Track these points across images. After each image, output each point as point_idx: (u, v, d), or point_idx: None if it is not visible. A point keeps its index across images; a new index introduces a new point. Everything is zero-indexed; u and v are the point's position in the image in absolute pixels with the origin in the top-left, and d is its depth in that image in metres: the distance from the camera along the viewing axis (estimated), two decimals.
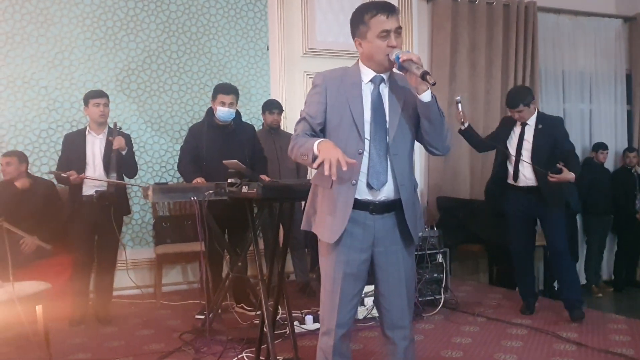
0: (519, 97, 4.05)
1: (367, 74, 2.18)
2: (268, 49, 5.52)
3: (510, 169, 4.15)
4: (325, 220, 2.17)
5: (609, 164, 6.79)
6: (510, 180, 4.15)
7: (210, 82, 5.29)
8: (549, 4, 6.55)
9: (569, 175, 3.82)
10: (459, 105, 4.22)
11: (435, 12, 6.05)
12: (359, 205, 2.14)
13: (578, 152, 6.71)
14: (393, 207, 2.17)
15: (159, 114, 5.17)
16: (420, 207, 2.33)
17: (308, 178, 4.79)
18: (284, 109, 4.94)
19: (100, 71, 4.98)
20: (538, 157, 3.99)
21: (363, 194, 2.14)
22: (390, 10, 2.11)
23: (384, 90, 2.17)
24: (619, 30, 7.07)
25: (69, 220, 4.13)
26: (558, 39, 6.74)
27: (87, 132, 4.13)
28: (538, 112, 4.14)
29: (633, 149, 6.68)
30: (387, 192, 2.15)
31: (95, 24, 4.96)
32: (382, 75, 2.17)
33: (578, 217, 6.42)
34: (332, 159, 1.92)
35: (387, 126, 2.14)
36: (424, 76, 1.99)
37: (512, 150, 4.11)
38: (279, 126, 4.90)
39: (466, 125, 4.23)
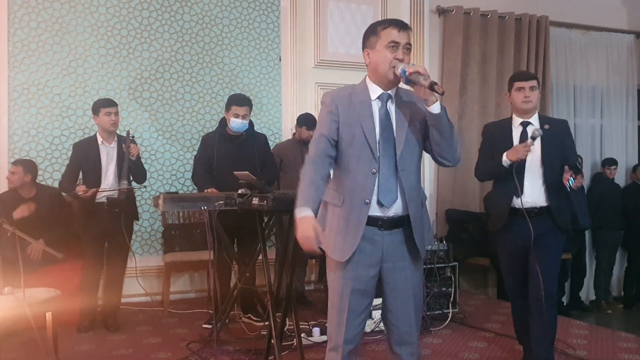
0: (530, 73, 3.31)
1: (375, 91, 2.20)
2: (280, 60, 5.55)
3: (515, 184, 3.02)
4: (336, 238, 2.17)
5: (620, 179, 6.76)
6: (515, 203, 3.07)
7: (222, 91, 5.33)
8: (561, 19, 6.55)
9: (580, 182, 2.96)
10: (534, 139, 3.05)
11: (446, 25, 6.07)
12: (368, 221, 2.15)
13: (588, 167, 6.72)
14: (402, 222, 2.18)
15: (170, 122, 5.21)
16: (429, 220, 2.34)
17: None
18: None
19: (114, 79, 5.03)
20: (550, 165, 3.05)
21: (373, 210, 2.15)
22: (403, 26, 2.16)
23: (391, 107, 2.19)
24: (631, 45, 7.05)
25: (80, 227, 4.15)
26: (570, 53, 6.73)
27: (100, 142, 4.14)
28: (537, 112, 3.31)
29: None
30: (396, 209, 2.16)
31: (109, 32, 5.01)
32: (388, 92, 2.19)
33: (587, 233, 6.39)
34: (305, 242, 2.00)
35: (395, 143, 2.15)
36: (432, 87, 2.01)
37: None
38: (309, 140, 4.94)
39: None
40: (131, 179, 4.16)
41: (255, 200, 3.04)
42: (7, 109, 4.72)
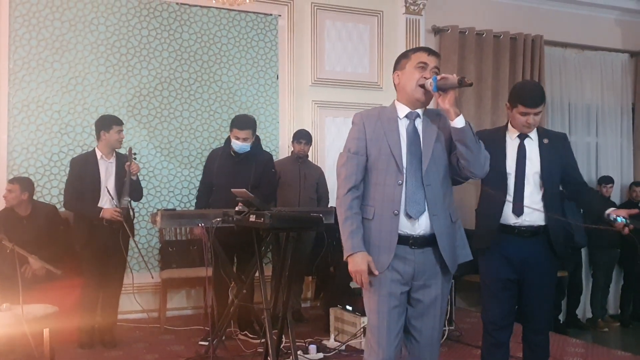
0: (540, 93, 2.88)
1: (403, 110, 2.30)
2: (278, 78, 5.61)
3: (510, 199, 2.82)
4: (371, 251, 2.22)
5: (616, 197, 6.79)
6: (507, 220, 2.83)
7: (220, 109, 5.38)
8: (555, 38, 6.64)
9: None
10: None
11: (442, 44, 6.15)
12: (399, 240, 2.21)
13: None
14: (432, 240, 2.23)
15: (168, 139, 5.25)
16: (463, 236, 2.37)
17: (331, 205, 4.82)
18: (312, 140, 5.05)
19: (113, 97, 5.07)
20: (550, 183, 2.85)
21: (403, 226, 2.21)
22: (433, 52, 2.29)
23: (419, 124, 2.28)
24: (625, 64, 7.14)
25: (79, 244, 4.15)
26: (564, 72, 6.81)
27: (99, 157, 4.16)
28: None
29: (639, 184, 6.69)
30: (425, 226, 2.21)
31: (109, 50, 5.07)
32: (417, 111, 2.28)
33: (583, 251, 6.41)
34: (358, 275, 2.18)
35: (422, 158, 2.22)
36: (461, 81, 2.10)
37: (510, 177, 2.87)
38: (306, 156, 5.01)
39: None
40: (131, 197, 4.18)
41: (252, 218, 3.06)
42: (6, 126, 4.75)
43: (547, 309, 3.00)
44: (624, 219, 2.65)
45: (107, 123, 4.16)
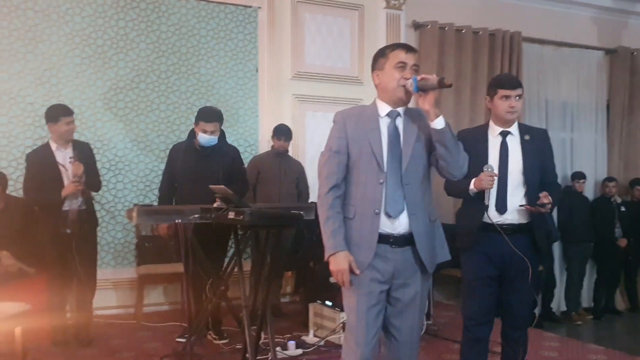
0: (517, 78, 2.94)
1: (384, 108, 2.29)
2: (257, 71, 5.56)
3: (492, 198, 2.81)
4: (352, 250, 2.22)
5: (589, 192, 6.90)
6: (489, 217, 2.80)
7: (198, 102, 5.31)
8: (533, 34, 6.69)
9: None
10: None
11: (422, 40, 6.15)
12: (380, 238, 2.21)
13: (559, 180, 6.83)
14: (412, 239, 2.23)
15: (145, 133, 5.17)
16: (442, 235, 2.38)
17: (311, 201, 4.80)
18: (292, 136, 4.98)
19: (88, 89, 4.97)
20: (532, 180, 2.84)
21: (383, 225, 2.21)
22: (411, 48, 2.27)
23: (400, 123, 2.27)
24: (601, 61, 7.22)
25: (45, 238, 4.03)
26: (542, 68, 6.87)
27: (54, 149, 4.01)
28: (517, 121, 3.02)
29: (612, 179, 6.80)
30: (405, 225, 2.22)
31: (84, 42, 4.96)
32: (397, 110, 2.27)
33: (557, 245, 6.50)
34: (339, 274, 2.19)
35: (402, 157, 2.22)
36: (441, 82, 2.10)
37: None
38: (286, 151, 4.95)
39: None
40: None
41: (231, 214, 3.03)
42: None
43: (527, 305, 3.00)
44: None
45: (53, 115, 3.98)
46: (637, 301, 6.96)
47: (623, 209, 6.71)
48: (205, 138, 3.98)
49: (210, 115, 3.99)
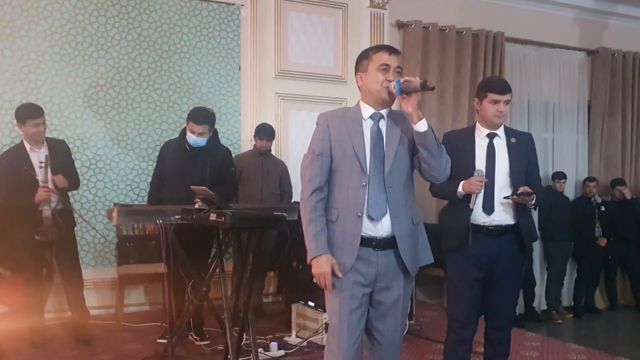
0: (507, 82, 2.97)
1: (367, 110, 2.27)
2: (240, 69, 5.51)
3: (479, 201, 2.85)
4: (334, 253, 2.21)
5: (570, 192, 6.96)
6: (477, 219, 2.86)
7: (180, 100, 5.25)
8: (516, 35, 6.72)
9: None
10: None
11: (406, 40, 6.15)
12: (363, 241, 2.20)
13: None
14: (395, 242, 2.22)
15: (126, 131, 5.10)
16: (425, 238, 2.38)
17: (294, 201, 4.77)
18: (274, 135, 4.93)
19: (68, 86, 4.89)
20: (518, 182, 2.88)
21: (366, 229, 2.20)
22: (394, 50, 2.27)
23: (383, 126, 2.26)
24: (582, 62, 7.28)
25: (19, 239, 3.95)
26: (524, 69, 6.90)
27: (28, 149, 3.93)
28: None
29: (593, 179, 6.87)
30: (387, 228, 2.21)
31: (64, 38, 4.87)
32: (381, 112, 2.26)
33: (537, 244, 6.55)
34: (322, 278, 2.17)
35: (384, 160, 2.21)
36: (423, 85, 2.09)
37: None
38: (269, 150, 4.91)
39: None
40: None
41: (213, 216, 2.99)
42: None
43: (511, 306, 3.05)
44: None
45: (20, 116, 3.88)
46: (617, 300, 7.04)
47: (603, 208, 6.78)
48: (192, 139, 3.93)
49: (199, 117, 3.90)
